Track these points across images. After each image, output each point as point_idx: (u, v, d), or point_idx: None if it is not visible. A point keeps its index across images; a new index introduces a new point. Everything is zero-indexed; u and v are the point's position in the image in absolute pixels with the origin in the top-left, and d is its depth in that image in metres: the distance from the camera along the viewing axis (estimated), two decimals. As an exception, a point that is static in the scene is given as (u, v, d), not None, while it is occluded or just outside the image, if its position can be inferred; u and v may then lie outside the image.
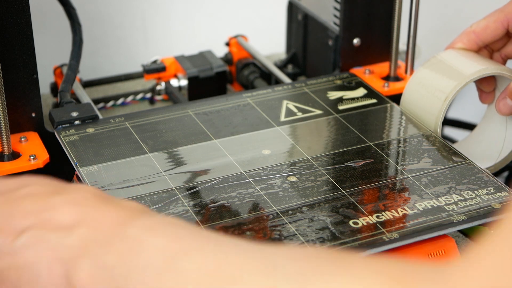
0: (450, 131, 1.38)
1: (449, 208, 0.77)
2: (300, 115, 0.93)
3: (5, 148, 0.86)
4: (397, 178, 0.81)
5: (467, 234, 0.84)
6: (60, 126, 0.89)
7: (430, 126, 0.90)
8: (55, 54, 1.16)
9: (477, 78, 0.88)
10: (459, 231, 0.83)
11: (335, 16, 1.06)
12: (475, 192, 0.79)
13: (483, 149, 0.94)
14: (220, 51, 1.17)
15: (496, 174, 1.27)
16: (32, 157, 0.86)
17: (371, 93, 0.97)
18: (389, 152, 0.86)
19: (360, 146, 0.87)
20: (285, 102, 0.95)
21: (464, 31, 0.93)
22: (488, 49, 0.94)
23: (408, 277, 0.44)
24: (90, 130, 0.88)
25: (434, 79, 0.90)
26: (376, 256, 0.53)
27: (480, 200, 0.78)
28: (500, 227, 0.43)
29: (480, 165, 0.84)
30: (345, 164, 0.84)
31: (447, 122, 1.35)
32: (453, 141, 1.28)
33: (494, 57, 0.94)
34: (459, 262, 0.43)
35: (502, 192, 0.79)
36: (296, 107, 0.94)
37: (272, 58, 1.21)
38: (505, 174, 1.30)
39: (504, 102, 0.90)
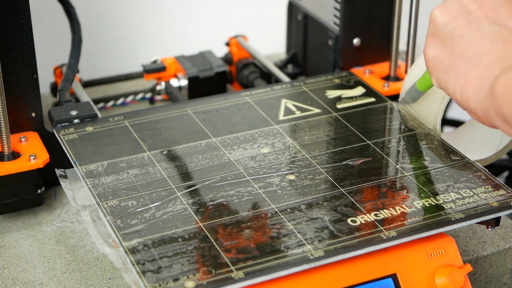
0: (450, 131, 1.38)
1: (447, 206, 0.77)
2: (298, 113, 0.93)
3: (5, 148, 0.86)
4: (396, 177, 0.82)
5: None
6: (59, 125, 0.89)
7: (429, 121, 0.90)
8: (55, 54, 1.17)
9: None
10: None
11: (335, 16, 1.07)
12: (473, 190, 0.79)
13: (483, 136, 0.94)
14: (220, 51, 1.17)
15: (496, 174, 1.28)
16: (32, 157, 0.87)
17: (369, 92, 0.98)
18: (388, 150, 0.86)
19: (358, 144, 0.87)
20: (283, 100, 0.95)
21: None
22: None
23: None
24: (89, 128, 0.89)
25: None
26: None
27: (478, 199, 0.78)
28: None
29: (481, 154, 0.84)
30: (344, 162, 0.84)
31: (447, 122, 1.35)
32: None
33: None
34: None
35: (500, 190, 0.79)
36: (295, 105, 0.94)
37: (272, 58, 1.21)
38: (505, 174, 1.30)
39: None
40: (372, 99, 0.96)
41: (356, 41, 1.05)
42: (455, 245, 0.76)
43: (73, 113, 0.90)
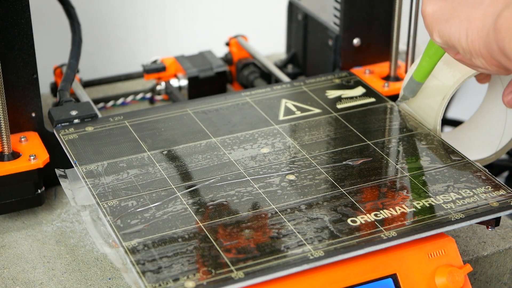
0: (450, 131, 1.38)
1: (447, 206, 0.77)
2: (298, 113, 0.93)
3: (5, 148, 0.86)
4: (396, 177, 0.82)
5: None
6: (59, 125, 0.89)
7: (429, 121, 0.90)
8: (55, 54, 1.17)
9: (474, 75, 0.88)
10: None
11: (335, 16, 1.07)
12: (473, 190, 0.79)
13: (483, 136, 0.94)
14: (220, 51, 1.17)
15: (496, 174, 1.28)
16: (32, 157, 0.87)
17: (369, 92, 0.98)
18: (388, 150, 0.86)
19: (358, 144, 0.87)
20: (284, 101, 0.95)
21: None
22: None
23: None
24: (89, 128, 0.89)
25: (432, 75, 0.90)
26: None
27: (478, 199, 0.78)
28: None
29: (481, 154, 0.83)
30: (344, 162, 0.84)
31: (447, 122, 1.36)
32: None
33: None
34: None
35: (500, 191, 0.79)
36: (295, 105, 0.94)
37: (272, 58, 1.21)
38: (505, 174, 1.30)
39: None
40: (372, 99, 0.96)
41: (356, 41, 1.05)
42: (455, 245, 0.76)
43: (73, 113, 0.90)
